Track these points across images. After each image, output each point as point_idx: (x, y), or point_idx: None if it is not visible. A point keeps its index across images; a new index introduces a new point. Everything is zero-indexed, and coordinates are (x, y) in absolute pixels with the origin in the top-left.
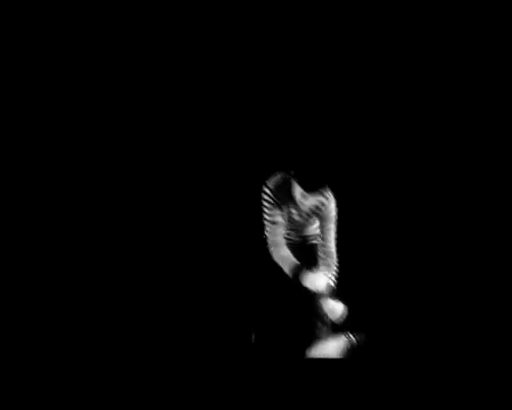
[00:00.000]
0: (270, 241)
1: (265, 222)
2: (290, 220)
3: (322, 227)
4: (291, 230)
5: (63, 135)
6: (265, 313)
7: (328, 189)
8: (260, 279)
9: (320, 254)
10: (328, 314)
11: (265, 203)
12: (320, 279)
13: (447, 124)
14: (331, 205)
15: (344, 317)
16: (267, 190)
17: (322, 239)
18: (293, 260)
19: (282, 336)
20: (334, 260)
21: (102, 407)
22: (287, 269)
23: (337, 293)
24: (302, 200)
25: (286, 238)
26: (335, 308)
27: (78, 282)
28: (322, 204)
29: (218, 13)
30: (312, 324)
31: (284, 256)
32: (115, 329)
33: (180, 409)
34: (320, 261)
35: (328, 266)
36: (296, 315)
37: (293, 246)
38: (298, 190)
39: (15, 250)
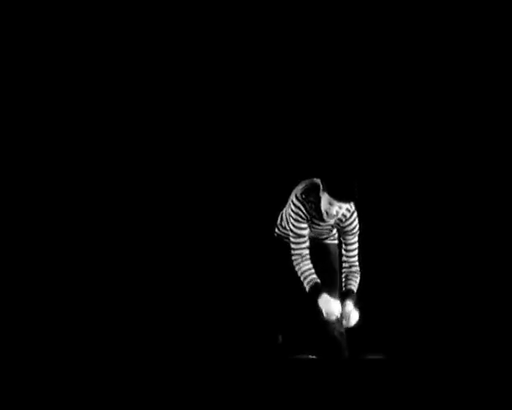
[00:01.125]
0: (295, 252)
1: (291, 233)
2: (311, 230)
3: (344, 240)
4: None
5: (63, 135)
6: (291, 314)
7: (351, 201)
8: (287, 281)
9: (343, 263)
10: (344, 320)
11: (293, 215)
12: (334, 307)
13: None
14: (352, 217)
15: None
16: (297, 203)
17: (345, 251)
18: (314, 277)
19: (308, 337)
20: (357, 270)
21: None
22: (305, 283)
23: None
24: (329, 209)
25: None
26: (352, 315)
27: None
28: (344, 216)
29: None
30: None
31: (306, 270)
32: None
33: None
34: (342, 272)
35: (352, 275)
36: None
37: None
38: (325, 199)
39: (15, 250)
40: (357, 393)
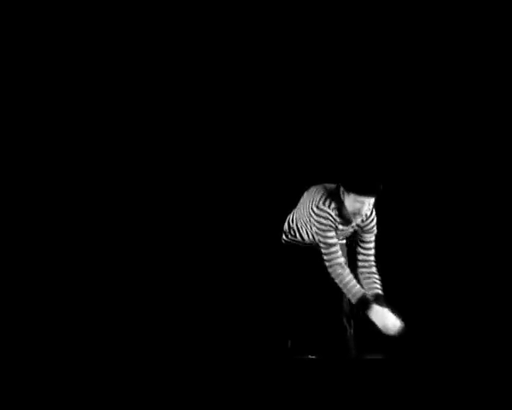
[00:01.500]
0: (333, 262)
1: (323, 245)
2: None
3: (362, 238)
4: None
5: (64, 135)
6: (301, 318)
7: (379, 194)
8: (296, 286)
9: (360, 263)
10: (383, 328)
11: (323, 227)
12: (392, 322)
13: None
14: (373, 215)
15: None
16: (324, 214)
17: (363, 249)
18: (358, 287)
19: (318, 340)
20: (376, 270)
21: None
22: (351, 295)
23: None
24: (359, 210)
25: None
26: (394, 323)
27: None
28: (366, 215)
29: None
30: (340, 323)
31: (349, 281)
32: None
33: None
34: (361, 273)
35: (374, 277)
36: (327, 318)
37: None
38: (352, 200)
39: (15, 250)
40: (358, 393)
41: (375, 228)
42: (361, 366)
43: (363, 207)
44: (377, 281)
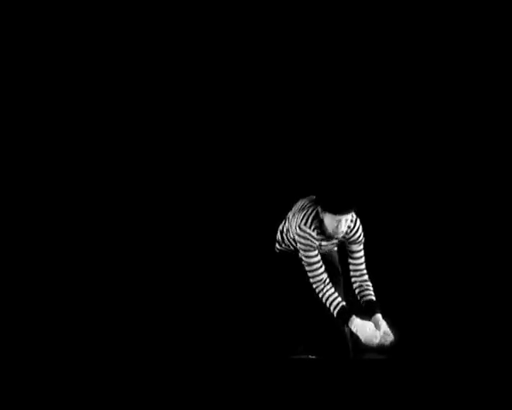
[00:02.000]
0: (315, 279)
1: (305, 263)
2: (320, 250)
3: (350, 249)
4: None
5: (64, 135)
6: (299, 321)
7: (354, 208)
8: (294, 291)
9: (352, 273)
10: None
11: (304, 247)
12: (372, 333)
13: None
14: (357, 226)
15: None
16: (305, 235)
17: (353, 259)
18: (339, 300)
19: (316, 341)
20: (368, 277)
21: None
22: (332, 309)
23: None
24: (337, 228)
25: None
26: (375, 336)
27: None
28: (349, 227)
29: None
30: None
31: (330, 295)
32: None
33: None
34: (354, 283)
35: (366, 284)
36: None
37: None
38: (330, 219)
39: (16, 250)
40: (358, 393)
41: (361, 238)
42: (361, 366)
43: (341, 223)
44: (369, 288)
